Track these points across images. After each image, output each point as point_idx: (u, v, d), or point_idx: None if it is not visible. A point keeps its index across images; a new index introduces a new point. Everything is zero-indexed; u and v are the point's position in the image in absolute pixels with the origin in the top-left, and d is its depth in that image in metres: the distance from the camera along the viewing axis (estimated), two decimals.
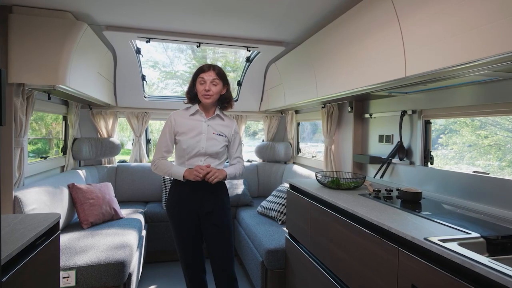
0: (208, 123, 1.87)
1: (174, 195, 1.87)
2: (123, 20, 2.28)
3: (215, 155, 1.86)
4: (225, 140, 1.90)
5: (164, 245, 3.18)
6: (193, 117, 1.87)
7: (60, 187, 2.52)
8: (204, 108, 1.89)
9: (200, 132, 1.83)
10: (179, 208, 1.84)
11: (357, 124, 2.48)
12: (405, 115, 1.99)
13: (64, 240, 2.26)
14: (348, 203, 1.59)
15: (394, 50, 1.52)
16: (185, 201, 1.83)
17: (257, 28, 2.43)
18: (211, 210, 1.84)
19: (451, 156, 2.12)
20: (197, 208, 1.83)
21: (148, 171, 3.53)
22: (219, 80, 1.82)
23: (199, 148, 1.82)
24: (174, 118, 1.87)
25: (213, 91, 1.80)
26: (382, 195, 1.79)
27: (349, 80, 1.93)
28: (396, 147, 2.05)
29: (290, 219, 2.32)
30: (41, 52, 1.98)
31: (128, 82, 3.34)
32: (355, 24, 1.82)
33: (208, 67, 1.83)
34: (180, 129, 1.84)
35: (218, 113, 1.90)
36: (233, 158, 1.98)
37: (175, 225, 1.88)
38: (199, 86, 1.81)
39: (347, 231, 1.51)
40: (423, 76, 1.41)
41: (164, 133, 1.87)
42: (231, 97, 1.93)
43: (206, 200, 1.84)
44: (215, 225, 1.85)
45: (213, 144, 1.84)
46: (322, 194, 1.82)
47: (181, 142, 1.82)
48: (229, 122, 1.95)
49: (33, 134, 3.04)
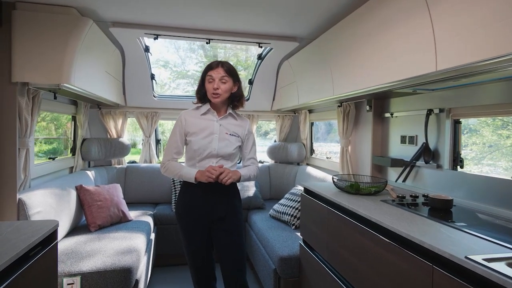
0: (221, 122, 1.77)
1: (184, 198, 1.77)
2: (130, 16, 2.19)
3: (227, 157, 1.75)
4: (238, 140, 1.79)
5: (173, 248, 3.10)
6: (204, 116, 1.77)
7: (68, 188, 2.46)
8: (215, 107, 1.79)
9: (212, 132, 1.73)
10: (189, 212, 1.75)
11: (377, 124, 2.32)
12: (431, 114, 1.83)
13: (70, 244, 2.20)
14: (370, 211, 1.44)
15: (423, 42, 1.36)
16: (196, 205, 1.74)
17: (269, 23, 2.30)
18: (223, 215, 1.74)
19: (471, 157, 1.96)
20: (208, 212, 1.74)
21: (157, 172, 3.45)
22: (228, 78, 1.70)
23: (211, 149, 1.72)
24: (184, 117, 1.77)
25: (222, 89, 1.69)
26: (407, 201, 1.63)
27: (369, 77, 1.78)
28: (421, 148, 1.88)
29: (304, 225, 2.18)
30: (45, 49, 1.90)
31: (137, 81, 3.27)
32: (377, 15, 1.67)
33: (217, 64, 1.72)
34: (191, 129, 1.74)
35: (230, 112, 1.80)
36: (247, 159, 1.86)
37: (184, 229, 1.78)
38: (208, 84, 1.71)
39: (370, 242, 1.37)
40: (457, 70, 1.25)
41: (174, 133, 1.77)
42: (242, 95, 1.81)
43: (218, 204, 1.74)
44: (226, 231, 1.75)
45: (226, 145, 1.74)
46: (340, 200, 1.68)
47: (192, 142, 1.73)
48: (242, 121, 1.84)
49: (49, 134, 3.03)
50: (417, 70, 1.39)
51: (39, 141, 3.16)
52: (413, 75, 1.42)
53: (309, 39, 2.54)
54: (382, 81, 1.65)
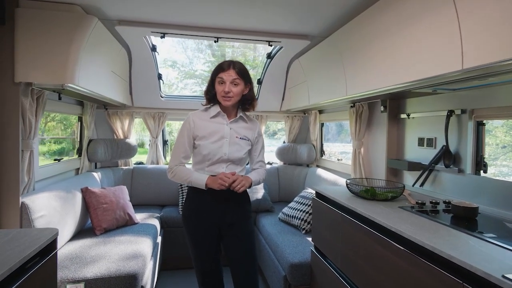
0: (231, 126, 1.69)
1: (192, 203, 1.69)
2: (136, 14, 2.13)
3: (238, 161, 1.68)
4: (248, 144, 1.72)
5: (180, 252, 3.04)
6: (214, 119, 1.69)
7: (73, 191, 2.41)
8: (225, 109, 1.70)
9: (223, 137, 1.65)
10: (198, 219, 1.68)
11: (392, 125, 2.21)
12: (452, 115, 1.72)
13: (75, 248, 2.15)
14: (389, 219, 1.35)
15: (448, 38, 1.26)
16: (205, 212, 1.66)
17: (280, 21, 2.22)
18: (233, 221, 1.68)
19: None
20: (218, 218, 1.67)
21: (164, 174, 3.38)
22: (240, 80, 1.61)
23: (221, 154, 1.64)
24: (193, 120, 1.68)
25: (233, 92, 1.60)
26: (427, 208, 1.53)
27: (386, 76, 1.67)
28: (441, 152, 1.77)
29: (316, 231, 2.09)
30: (49, 48, 1.85)
31: (144, 81, 3.22)
32: (396, 10, 1.57)
33: (228, 65, 1.62)
34: (200, 132, 1.66)
35: (241, 115, 1.72)
36: (255, 162, 1.80)
37: (192, 236, 1.71)
38: (218, 86, 1.62)
39: (389, 253, 1.27)
40: (486, 69, 1.15)
41: (182, 136, 1.68)
42: (254, 97, 1.73)
43: (229, 210, 1.67)
44: (238, 237, 1.68)
45: (237, 150, 1.66)
46: (355, 205, 1.59)
47: (201, 147, 1.64)
48: (252, 124, 1.77)
49: (58, 134, 3.00)
50: (441, 69, 1.29)
51: (48, 140, 3.17)
52: (436, 74, 1.32)
53: (321, 37, 2.44)
54: (401, 81, 1.54)
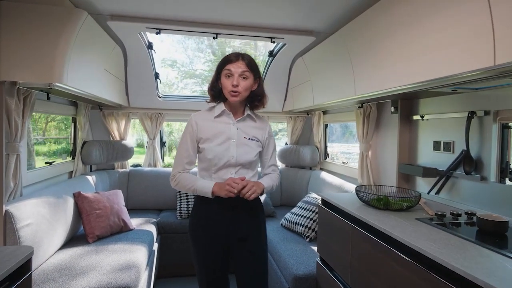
0: (238, 125, 1.53)
1: (199, 215, 1.53)
2: (130, 8, 1.99)
3: (248, 165, 1.51)
4: (258, 145, 1.55)
5: (178, 259, 2.91)
6: (219, 119, 1.53)
7: (65, 196, 2.28)
8: (231, 107, 1.54)
9: (229, 138, 1.49)
10: (206, 232, 1.50)
11: (404, 127, 2.06)
12: (474, 117, 1.57)
13: (65, 258, 2.01)
14: (407, 234, 1.20)
15: (477, 30, 1.11)
16: (214, 223, 1.49)
17: (283, 15, 2.07)
18: (246, 235, 1.50)
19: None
20: (228, 231, 1.49)
21: (162, 177, 3.26)
22: (249, 73, 1.45)
23: (229, 158, 1.47)
24: (195, 121, 1.52)
25: (242, 86, 1.44)
26: (447, 220, 1.38)
27: (401, 75, 1.53)
28: (460, 157, 1.62)
29: (322, 241, 1.94)
30: (34, 45, 1.71)
31: (140, 80, 3.08)
32: (410, 3, 1.42)
33: (236, 56, 1.46)
34: (204, 134, 1.50)
35: (249, 113, 1.56)
36: (267, 167, 1.63)
37: (198, 251, 1.53)
38: (225, 80, 1.46)
39: (408, 272, 1.13)
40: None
41: (185, 140, 1.53)
42: (263, 93, 1.56)
43: (240, 222, 1.50)
44: (250, 253, 1.51)
45: (246, 152, 1.50)
46: (368, 217, 1.44)
47: (206, 150, 1.48)
48: (262, 123, 1.61)
49: (58, 135, 2.89)
50: (467, 65, 1.14)
51: (49, 140, 3.09)
52: (461, 71, 1.17)
53: (328, 33, 2.30)
54: (419, 79, 1.40)
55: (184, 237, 2.88)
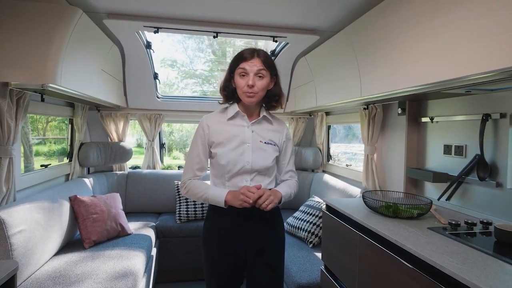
0: (253, 128, 1.40)
1: (212, 227, 1.42)
2: (126, 6, 1.91)
3: (264, 172, 1.39)
4: (275, 150, 1.43)
5: (177, 264, 2.84)
6: (232, 121, 1.41)
7: (60, 200, 2.20)
8: (245, 108, 1.42)
9: (243, 142, 1.37)
10: (220, 245, 1.39)
11: (412, 130, 1.98)
12: (489, 120, 1.48)
13: (59, 265, 1.94)
14: (420, 246, 1.12)
15: (493, 28, 1.04)
16: (228, 236, 1.38)
17: (286, 13, 1.99)
18: (263, 247, 1.39)
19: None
20: (244, 244, 1.38)
21: (161, 179, 3.19)
22: (266, 71, 1.34)
23: (243, 163, 1.35)
24: (207, 124, 1.41)
25: (258, 86, 1.32)
26: (462, 230, 1.30)
27: (411, 75, 1.45)
28: (474, 162, 1.54)
29: (327, 249, 1.86)
30: (26, 44, 1.64)
31: (138, 81, 3.00)
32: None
33: (251, 53, 1.34)
34: (216, 138, 1.38)
35: (265, 115, 1.44)
36: (285, 173, 1.51)
37: (211, 265, 1.42)
38: (239, 79, 1.34)
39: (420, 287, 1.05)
40: None
41: (196, 144, 1.41)
42: (281, 93, 1.44)
43: (258, 234, 1.38)
44: (267, 264, 1.40)
45: (262, 157, 1.38)
46: (377, 226, 1.36)
47: (219, 156, 1.36)
48: (279, 126, 1.48)
49: (59, 134, 2.82)
50: (482, 66, 1.07)
51: (48, 141, 3.08)
52: (476, 72, 1.09)
53: (332, 32, 2.21)
54: (429, 80, 1.32)
55: (183, 241, 2.81)
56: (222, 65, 4.55)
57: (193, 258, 2.83)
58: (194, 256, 2.82)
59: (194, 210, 2.91)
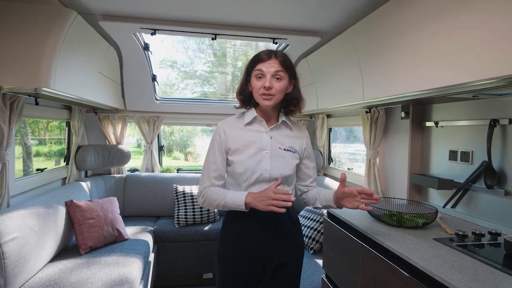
0: (272, 134, 1.32)
1: (228, 236, 1.33)
2: (122, 7, 1.86)
3: (284, 180, 1.29)
4: (295, 157, 1.34)
5: (175, 269, 2.79)
6: (249, 127, 1.34)
7: (56, 205, 2.15)
8: (263, 113, 1.35)
9: (261, 148, 1.29)
10: (236, 255, 1.30)
11: (415, 134, 1.93)
12: (497, 125, 1.43)
13: (54, 272, 1.89)
14: (427, 261, 1.07)
15: (502, 32, 0.98)
16: (245, 246, 1.29)
17: (286, 15, 1.94)
18: (283, 261, 1.30)
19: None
20: (262, 257, 1.29)
21: (160, 182, 3.14)
22: (284, 73, 1.26)
23: (262, 172, 1.27)
24: (223, 129, 1.33)
25: (276, 88, 1.24)
26: (470, 241, 1.25)
27: (417, 79, 1.39)
28: (481, 168, 1.49)
29: (328, 258, 1.81)
30: (19, 47, 1.59)
31: (136, 83, 2.96)
32: (425, 1, 1.29)
33: (268, 54, 1.26)
34: (233, 144, 1.31)
35: (284, 120, 1.35)
36: (310, 182, 1.41)
37: (224, 277, 1.33)
38: (256, 81, 1.26)
39: None
40: None
41: (212, 151, 1.34)
42: (300, 96, 1.35)
43: (279, 245, 1.29)
44: (284, 280, 1.31)
45: (281, 165, 1.30)
46: (381, 237, 1.31)
47: (236, 163, 1.29)
48: (299, 131, 1.40)
49: (60, 135, 2.84)
50: (490, 71, 1.01)
51: (49, 141, 3.04)
52: (489, 76, 1.04)
53: (334, 33, 2.16)
54: (435, 85, 1.26)
55: (181, 246, 2.76)
56: (222, 67, 4.50)
57: (191, 263, 2.78)
58: (192, 261, 2.78)
59: (193, 215, 2.86)
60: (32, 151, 2.68)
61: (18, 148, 2.58)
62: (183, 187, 2.99)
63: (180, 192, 2.96)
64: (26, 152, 2.60)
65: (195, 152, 8.83)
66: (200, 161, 8.64)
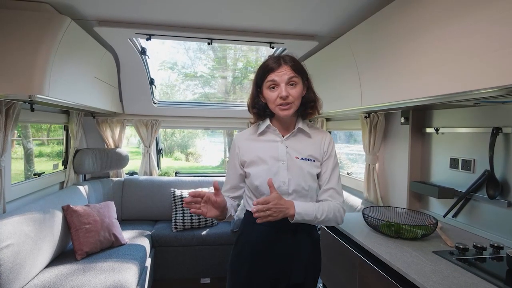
0: (287, 143, 1.24)
1: (243, 251, 1.26)
2: (117, 13, 1.84)
3: (304, 192, 1.21)
4: (316, 166, 1.25)
5: (172, 273, 2.77)
6: (263, 137, 1.27)
7: (52, 210, 2.14)
8: (280, 122, 1.27)
9: (277, 159, 1.22)
10: (250, 273, 1.23)
11: (415, 141, 1.89)
12: (499, 134, 1.39)
13: (50, 278, 1.88)
14: (426, 277, 1.03)
15: (505, 39, 0.94)
16: (262, 262, 1.22)
17: (283, 19, 1.91)
18: (302, 280, 1.23)
19: None
20: (279, 276, 1.22)
21: (158, 186, 3.13)
22: (298, 78, 1.18)
23: (279, 184, 1.20)
24: (238, 143, 1.29)
25: (293, 95, 1.16)
26: (471, 255, 1.21)
27: (416, 85, 1.35)
28: (483, 178, 1.45)
29: (325, 266, 1.78)
30: (12, 53, 1.57)
31: (134, 87, 2.94)
32: (428, 5, 1.25)
33: (277, 61, 1.18)
34: (248, 156, 1.25)
35: (300, 127, 1.26)
36: (324, 191, 1.25)
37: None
38: (269, 92, 1.19)
39: None
40: None
41: (232, 165, 1.30)
42: (316, 97, 1.27)
43: (297, 264, 1.23)
44: None
45: (299, 176, 1.21)
46: (378, 250, 1.27)
47: (252, 176, 1.23)
48: (318, 135, 1.29)
49: (63, 135, 2.85)
50: (492, 80, 0.97)
51: (51, 141, 3.06)
52: (491, 85, 1.00)
53: (332, 38, 2.12)
54: (435, 92, 1.22)
55: (179, 251, 2.74)
56: (222, 71, 4.48)
57: (188, 268, 2.76)
58: (189, 266, 2.76)
59: (190, 219, 2.84)
60: (34, 152, 2.69)
61: (20, 149, 2.59)
62: (181, 191, 2.97)
63: (178, 197, 2.94)
64: (28, 154, 2.60)
65: (196, 152, 8.83)
66: (201, 161, 8.64)
